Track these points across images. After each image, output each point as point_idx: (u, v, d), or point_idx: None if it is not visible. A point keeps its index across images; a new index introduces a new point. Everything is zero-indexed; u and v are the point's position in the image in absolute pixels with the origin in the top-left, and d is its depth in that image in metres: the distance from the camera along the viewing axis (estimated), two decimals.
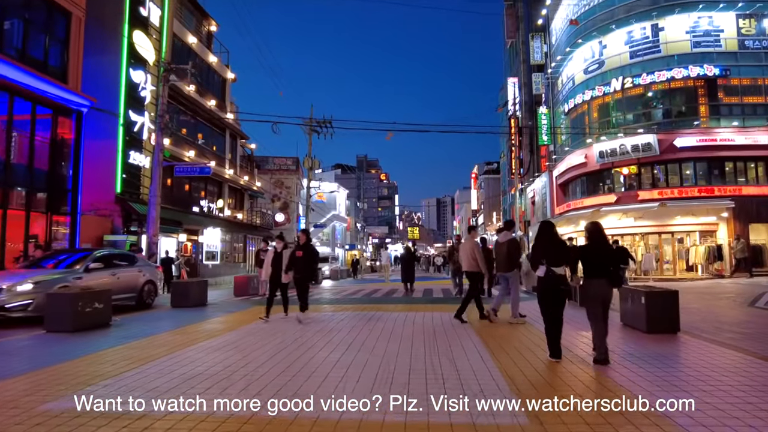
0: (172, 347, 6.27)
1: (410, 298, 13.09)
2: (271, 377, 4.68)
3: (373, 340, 6.66)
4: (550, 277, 5.37)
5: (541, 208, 32.46)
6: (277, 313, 9.08)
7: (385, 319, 8.72)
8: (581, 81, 25.23)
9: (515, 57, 40.74)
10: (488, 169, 66.95)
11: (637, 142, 21.64)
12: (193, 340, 6.88)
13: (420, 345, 6.22)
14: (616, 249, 13.61)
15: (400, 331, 7.38)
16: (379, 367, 5.04)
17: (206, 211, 24.45)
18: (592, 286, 5.32)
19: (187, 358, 5.57)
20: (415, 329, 7.50)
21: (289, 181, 39.48)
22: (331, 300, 13.34)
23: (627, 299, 7.57)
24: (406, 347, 6.09)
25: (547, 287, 5.43)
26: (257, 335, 7.26)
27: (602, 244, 5.41)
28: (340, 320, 8.72)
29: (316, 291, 16.85)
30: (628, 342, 6.33)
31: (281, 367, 5.11)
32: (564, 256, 5.43)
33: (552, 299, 5.44)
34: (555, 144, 29.55)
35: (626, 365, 5.07)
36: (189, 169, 17.41)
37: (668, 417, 3.48)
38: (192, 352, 5.99)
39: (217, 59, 27.38)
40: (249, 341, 6.75)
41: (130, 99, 18.44)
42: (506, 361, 5.33)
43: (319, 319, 8.86)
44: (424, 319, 8.55)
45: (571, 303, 8.00)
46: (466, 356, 5.59)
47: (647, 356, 5.47)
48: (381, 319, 8.64)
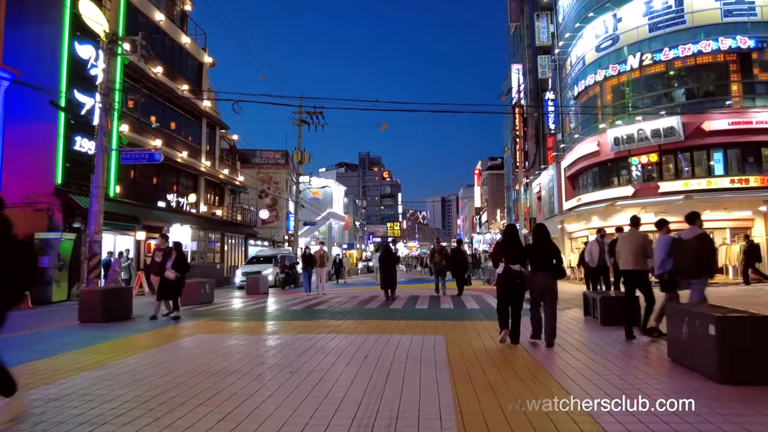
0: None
1: (387, 310, 10.58)
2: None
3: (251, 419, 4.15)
4: (508, 273, 6.14)
5: (548, 204, 29.81)
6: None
7: (329, 349, 6.24)
8: (593, 60, 22.57)
9: (519, 42, 38.05)
10: (492, 165, 64.24)
11: (657, 126, 18.99)
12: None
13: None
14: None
15: (345, 383, 4.88)
16: None
17: (174, 206, 22.06)
18: (534, 278, 6.13)
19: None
20: (376, 372, 5.00)
21: (278, 175, 37.02)
22: (279, 313, 10.85)
23: (680, 324, 5.03)
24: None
25: (505, 282, 6.19)
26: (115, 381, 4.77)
27: (545, 242, 6.24)
28: (242, 354, 6.24)
29: (266, 301, 14.41)
30: (691, 393, 3.76)
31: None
32: (521, 255, 6.19)
33: (509, 291, 6.19)
34: (563, 132, 26.90)
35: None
36: (136, 156, 15.01)
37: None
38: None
39: (190, 41, 24.98)
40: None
41: (76, 77, 16.06)
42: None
43: (223, 349, 6.37)
44: (395, 351, 6.04)
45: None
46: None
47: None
48: (321, 352, 6.14)
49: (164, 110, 22.78)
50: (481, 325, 7.86)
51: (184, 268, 9.57)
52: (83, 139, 16.42)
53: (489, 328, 7.59)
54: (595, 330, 7.32)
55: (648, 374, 4.69)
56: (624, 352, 5.74)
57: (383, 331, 7.44)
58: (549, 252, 6.12)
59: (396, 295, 13.14)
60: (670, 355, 5.28)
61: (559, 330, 7.26)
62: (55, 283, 13.67)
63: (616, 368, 4.87)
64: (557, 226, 25.82)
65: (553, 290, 6.12)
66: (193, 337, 7.34)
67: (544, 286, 6.07)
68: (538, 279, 6.10)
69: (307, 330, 7.75)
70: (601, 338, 6.56)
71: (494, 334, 6.93)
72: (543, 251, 6.14)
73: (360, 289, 17.56)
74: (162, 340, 7.17)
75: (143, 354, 6.02)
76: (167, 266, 9.35)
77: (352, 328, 7.91)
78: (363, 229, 78.45)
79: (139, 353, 6.08)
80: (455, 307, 10.74)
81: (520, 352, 5.76)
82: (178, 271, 9.37)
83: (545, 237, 6.28)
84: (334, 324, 8.40)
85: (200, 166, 25.02)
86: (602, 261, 9.68)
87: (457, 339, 6.67)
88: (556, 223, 26.08)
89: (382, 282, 12.88)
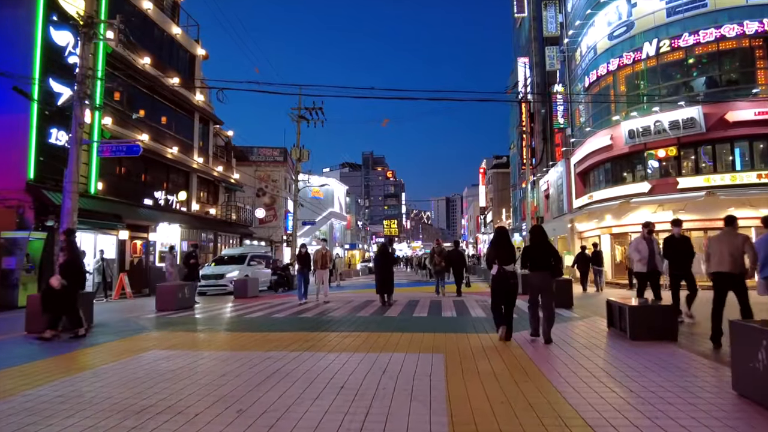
0: None
1: (381, 319, 9.37)
2: None
3: None
4: (501, 273, 6.43)
5: (557, 202, 28.48)
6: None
7: (299, 375, 5.03)
8: (605, 49, 21.25)
9: (525, 35, 36.73)
10: (497, 164, 62.81)
11: (676, 117, 17.66)
12: None
13: None
14: (594, 253, 16.10)
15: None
16: None
17: (163, 204, 20.95)
18: (532, 278, 6.46)
19: None
20: (350, 414, 3.79)
21: (277, 173, 35.94)
22: (258, 323, 9.67)
23: (754, 348, 3.79)
24: None
25: (500, 282, 6.46)
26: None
27: (543, 243, 6.59)
28: (189, 381, 5.04)
29: (244, 306, 13.28)
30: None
31: None
32: (513, 257, 6.53)
33: (504, 291, 6.44)
34: (572, 126, 25.57)
35: None
36: (114, 148, 13.86)
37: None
38: None
39: (182, 31, 23.88)
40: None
41: (52, 64, 14.99)
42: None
43: (170, 373, 5.17)
44: (381, 377, 4.83)
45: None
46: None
47: None
48: (287, 380, 4.94)
49: (154, 104, 21.70)
50: (488, 339, 6.65)
51: (73, 273, 7.47)
52: (60, 131, 15.34)
53: (496, 342, 6.40)
54: (624, 347, 6.09)
55: (706, 412, 3.48)
56: (668, 378, 4.50)
57: (372, 348, 6.24)
58: (546, 252, 6.44)
59: (393, 301, 11.94)
60: (735, 388, 4.06)
61: (580, 345, 6.09)
62: (22, 286, 12.56)
63: (665, 403, 3.65)
64: (567, 225, 24.51)
65: (550, 289, 6.37)
66: (146, 353, 6.18)
67: (542, 286, 6.36)
68: (535, 278, 6.41)
69: (281, 345, 6.56)
70: (634, 358, 5.33)
71: (503, 352, 5.74)
72: (540, 252, 6.44)
73: (355, 293, 16.33)
74: (107, 357, 6.00)
75: (66, 380, 4.83)
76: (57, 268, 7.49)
77: (335, 343, 6.71)
78: (366, 229, 77.25)
79: (63, 378, 4.91)
80: (458, 315, 9.53)
81: (539, 382, 4.53)
82: (65, 277, 7.33)
83: (542, 238, 6.63)
84: (315, 337, 7.21)
85: (192, 163, 23.92)
86: (652, 264, 8.20)
87: (459, 359, 5.46)
88: (566, 222, 24.77)
89: (377, 286, 11.68)
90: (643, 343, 6.20)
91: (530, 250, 6.51)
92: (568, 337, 6.86)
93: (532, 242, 6.64)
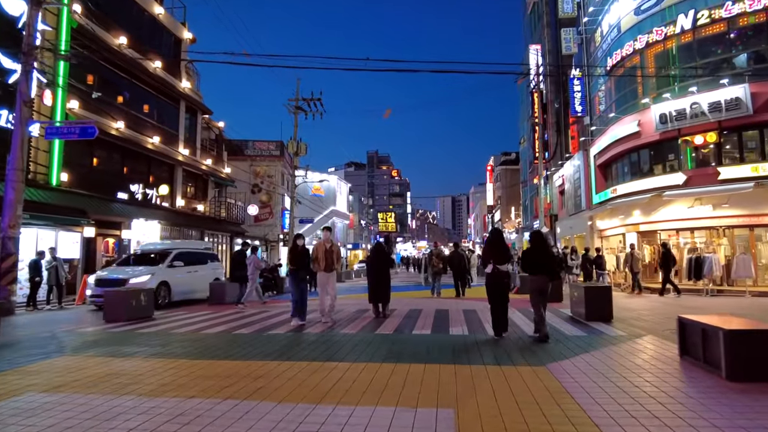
0: None
1: (369, 339, 7.29)
2: None
3: None
4: (496, 273, 6.82)
5: (573, 198, 26.24)
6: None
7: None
8: (631, 25, 19.04)
9: (538, 21, 34.53)
10: (505, 160, 60.55)
11: (717, 98, 15.43)
12: None
13: None
14: (596, 257, 16.44)
15: None
16: None
17: (140, 199, 19.01)
18: (533, 281, 6.85)
19: None
20: None
21: (273, 168, 33.98)
22: (212, 342, 7.61)
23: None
24: None
25: (494, 281, 6.84)
26: None
27: (542, 248, 7.00)
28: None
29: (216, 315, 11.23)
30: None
31: None
32: (507, 257, 6.98)
33: (498, 290, 6.85)
34: (591, 114, 23.36)
35: None
36: (66, 130, 11.92)
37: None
38: None
39: (164, 11, 21.95)
40: None
41: (2, 36, 13.09)
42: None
43: None
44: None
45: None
46: None
47: None
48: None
49: (133, 89, 19.79)
50: (516, 376, 4.55)
51: None
52: (12, 113, 13.42)
53: (528, 377, 4.29)
54: (723, 393, 3.95)
55: None
56: None
57: (346, 395, 4.17)
58: (545, 257, 6.87)
59: (389, 311, 9.85)
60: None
61: (655, 391, 3.81)
62: None
63: None
64: (586, 223, 22.31)
65: (546, 291, 6.86)
66: (11, 400, 4.15)
67: (541, 288, 6.78)
68: (535, 282, 6.82)
69: (216, 386, 4.50)
70: (747, 415, 3.21)
71: (543, 402, 3.62)
72: (540, 256, 6.84)
73: (347, 298, 14.19)
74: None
75: None
76: None
77: (295, 384, 4.63)
78: (369, 228, 75.14)
79: None
80: (470, 332, 7.43)
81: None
82: None
83: (542, 243, 7.11)
84: (271, 372, 5.13)
85: (177, 155, 22.00)
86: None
87: (477, 415, 3.37)
88: (585, 220, 22.57)
89: (370, 292, 9.58)
90: (748, 386, 4.10)
91: (530, 254, 6.95)
92: (626, 370, 4.79)
93: (532, 247, 7.08)
